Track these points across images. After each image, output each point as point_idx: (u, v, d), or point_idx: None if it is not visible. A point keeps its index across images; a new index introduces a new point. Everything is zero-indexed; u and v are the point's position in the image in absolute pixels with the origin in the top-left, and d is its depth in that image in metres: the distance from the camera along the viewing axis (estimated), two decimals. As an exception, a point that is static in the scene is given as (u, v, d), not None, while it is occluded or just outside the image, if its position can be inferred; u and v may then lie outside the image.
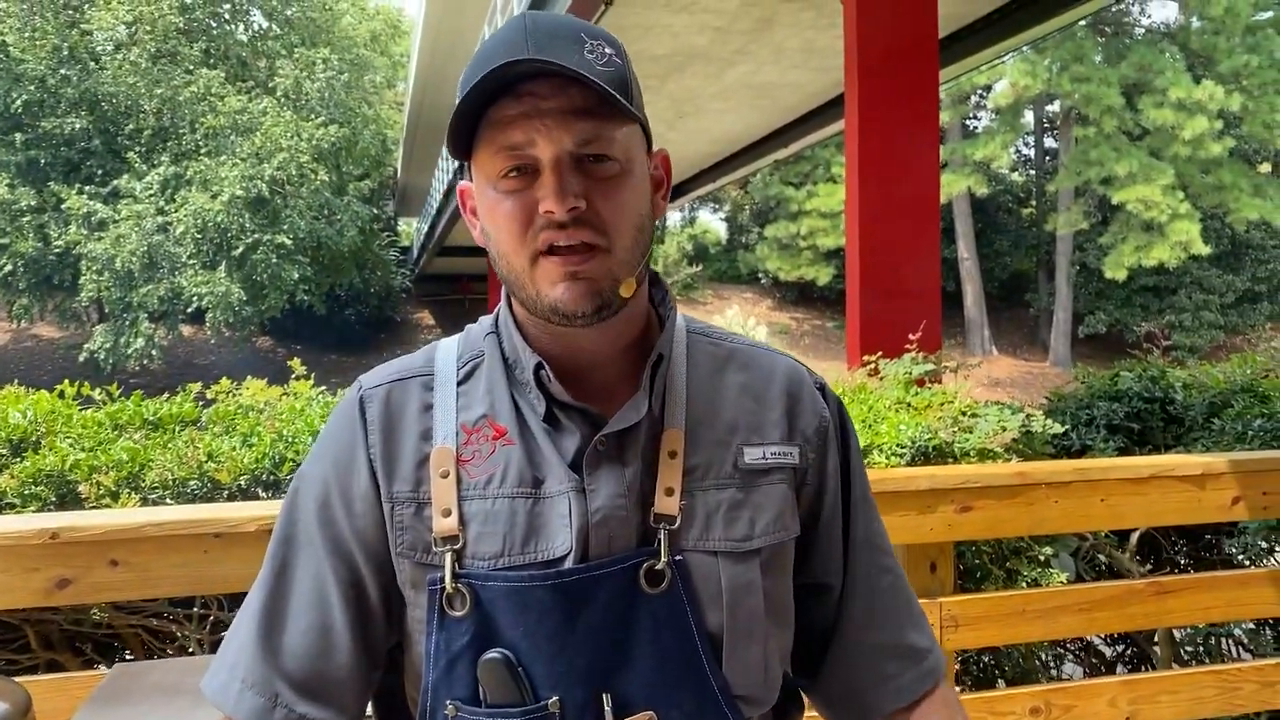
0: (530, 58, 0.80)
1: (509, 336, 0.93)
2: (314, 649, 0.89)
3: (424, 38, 19.10)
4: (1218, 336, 26.44)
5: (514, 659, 0.85)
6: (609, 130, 0.84)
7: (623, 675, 0.86)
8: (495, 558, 0.86)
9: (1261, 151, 26.45)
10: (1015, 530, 2.06)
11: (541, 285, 0.85)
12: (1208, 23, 24.75)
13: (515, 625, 0.85)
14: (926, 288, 6.24)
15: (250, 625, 0.90)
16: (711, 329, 1.02)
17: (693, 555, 0.88)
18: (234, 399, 2.64)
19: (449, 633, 0.86)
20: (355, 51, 26.72)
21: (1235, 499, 2.07)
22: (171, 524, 1.65)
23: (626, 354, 0.93)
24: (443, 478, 0.89)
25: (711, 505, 0.90)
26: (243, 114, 21.26)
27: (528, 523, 0.87)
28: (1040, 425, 2.58)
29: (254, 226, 20.41)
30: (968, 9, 8.31)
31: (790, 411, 0.97)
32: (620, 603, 0.86)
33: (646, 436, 0.90)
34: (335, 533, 0.91)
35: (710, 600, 0.88)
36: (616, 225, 0.85)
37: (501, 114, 0.83)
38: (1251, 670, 2.11)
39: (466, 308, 32.62)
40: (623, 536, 0.87)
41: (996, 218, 31.06)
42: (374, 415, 0.92)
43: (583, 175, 0.84)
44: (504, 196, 0.85)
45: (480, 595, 0.85)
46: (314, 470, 0.94)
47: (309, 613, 0.89)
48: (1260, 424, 2.91)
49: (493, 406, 0.91)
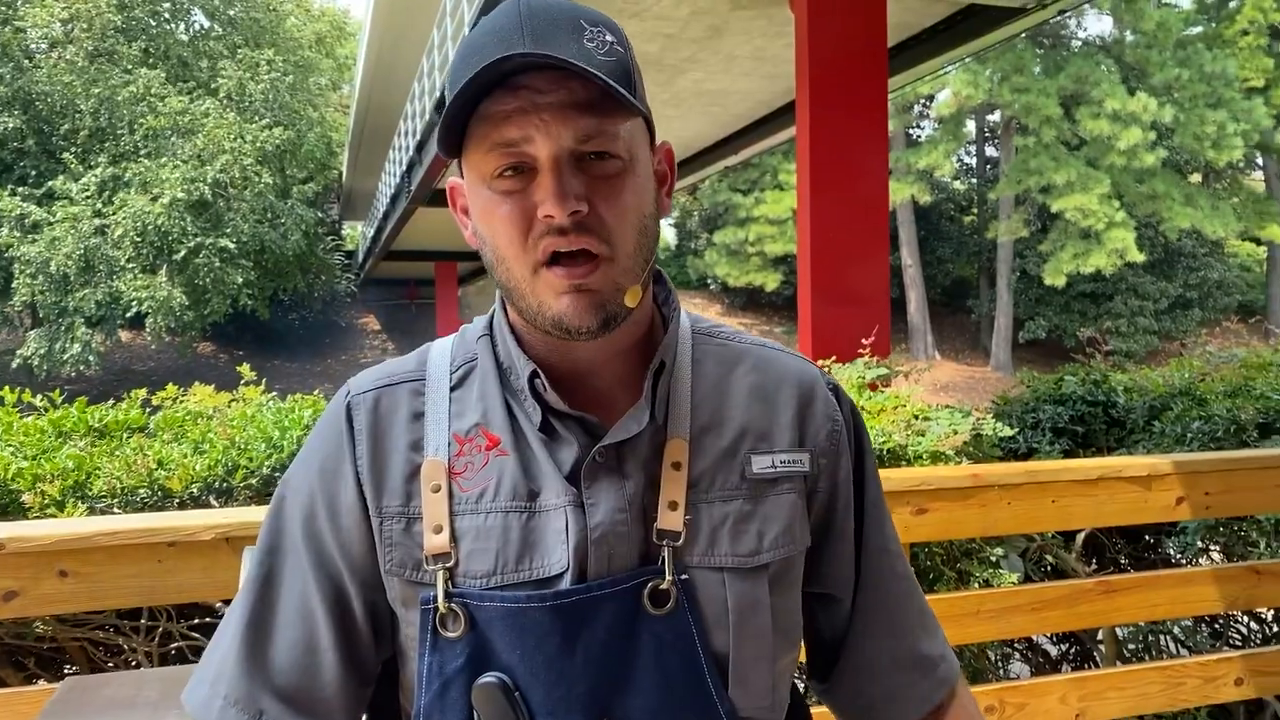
0: (529, 51, 0.75)
1: (503, 341, 0.88)
2: (300, 665, 0.85)
3: (371, 40, 18.89)
4: (1152, 341, 27.15)
5: (511, 683, 0.80)
6: (611, 125, 0.78)
7: (625, 701, 0.81)
8: (487, 576, 0.81)
9: (1192, 162, 27.19)
10: (969, 531, 2.09)
11: (544, 297, 0.80)
12: (1141, 36, 25.39)
13: (512, 649, 0.80)
14: (876, 294, 6.32)
15: (234, 638, 0.86)
16: (719, 327, 0.96)
17: (698, 572, 0.83)
18: (182, 405, 2.59)
19: (442, 655, 0.81)
20: (300, 53, 26.40)
21: (1179, 499, 2.12)
22: (124, 533, 1.60)
23: (628, 358, 0.88)
24: (434, 492, 0.84)
25: (718, 518, 0.85)
26: (184, 115, 20.86)
27: (521, 539, 0.82)
28: (990, 428, 2.63)
29: (196, 230, 20.02)
30: (914, 19, 8.45)
31: (801, 416, 0.92)
32: (622, 625, 0.81)
33: (649, 446, 0.85)
34: (319, 545, 0.86)
35: (716, 620, 0.83)
36: (620, 229, 0.80)
37: (495, 108, 0.77)
38: (1195, 666, 2.17)
39: (414, 312, 32.32)
40: (623, 554, 0.82)
41: (939, 225, 31.59)
42: (361, 423, 0.87)
43: (583, 174, 0.78)
44: (500, 198, 0.79)
45: (475, 616, 0.81)
46: (300, 477, 0.89)
47: (295, 628, 0.85)
48: (1198, 426, 2.99)
49: (486, 415, 0.86)
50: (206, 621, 2.15)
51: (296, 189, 23.74)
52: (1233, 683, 2.17)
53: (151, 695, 1.36)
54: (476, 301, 34.66)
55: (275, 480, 2.19)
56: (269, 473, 2.19)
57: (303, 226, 23.01)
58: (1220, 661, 2.17)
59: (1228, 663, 2.17)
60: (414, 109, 17.31)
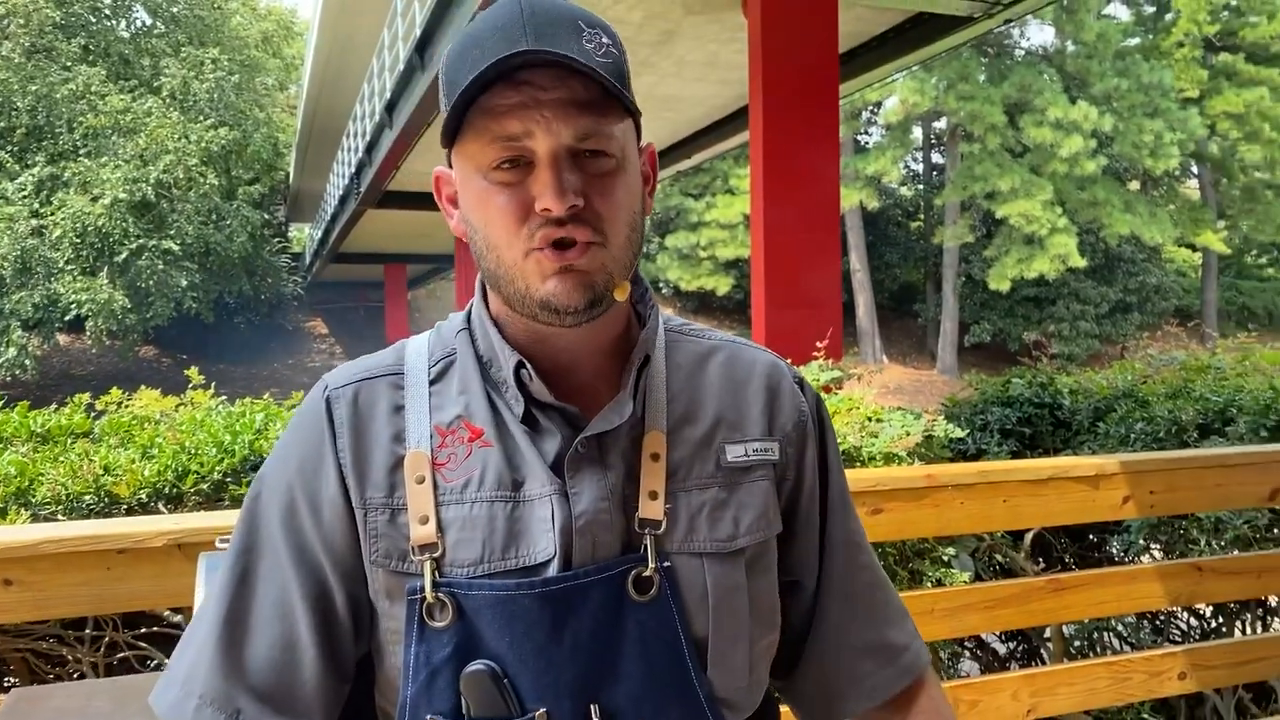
0: (534, 49, 0.76)
1: (484, 334, 0.89)
2: (279, 663, 0.83)
3: (319, 40, 18.68)
4: (1093, 345, 27.77)
5: (499, 670, 0.81)
6: (608, 125, 0.81)
7: (611, 686, 0.83)
8: (474, 564, 0.82)
9: (1131, 170, 27.91)
10: (924, 531, 2.12)
11: (532, 279, 0.81)
12: (1082, 47, 26.00)
13: (501, 636, 0.81)
14: (829, 297, 6.40)
15: (209, 637, 0.84)
16: (689, 325, 0.99)
17: (678, 558, 0.86)
18: (127, 409, 2.54)
19: (429, 644, 0.82)
20: (246, 52, 25.97)
21: (1125, 498, 2.17)
22: (72, 540, 1.56)
23: (606, 352, 0.90)
24: (418, 483, 0.84)
25: (695, 506, 0.88)
26: (126, 114, 20.43)
27: (508, 527, 0.83)
28: (942, 430, 2.68)
29: (138, 231, 19.62)
30: (865, 27, 8.57)
31: (770, 406, 0.95)
32: (608, 612, 0.83)
33: (628, 438, 0.87)
34: (300, 541, 0.86)
35: (696, 604, 0.86)
36: (613, 223, 0.82)
37: (497, 102, 0.79)
38: (1140, 661, 2.21)
39: (362, 316, 31.95)
40: (606, 542, 0.84)
41: (887, 231, 32.03)
42: (342, 416, 0.87)
43: (580, 171, 0.80)
44: (497, 189, 0.81)
45: (463, 605, 0.82)
46: (277, 474, 0.88)
47: (273, 625, 0.84)
48: (1141, 427, 3.06)
49: (468, 407, 0.87)
50: (155, 631, 2.11)
51: (242, 190, 23.38)
52: (1176, 677, 2.22)
53: (103, 706, 1.33)
54: (426, 305, 34.37)
55: (227, 485, 2.15)
56: (220, 478, 2.16)
57: (249, 228, 22.66)
58: (1165, 657, 2.22)
59: (1172, 658, 2.23)
60: (364, 110, 17.14)
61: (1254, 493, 2.31)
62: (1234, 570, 2.31)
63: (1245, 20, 27.55)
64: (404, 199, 18.50)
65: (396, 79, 13.29)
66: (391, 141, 14.50)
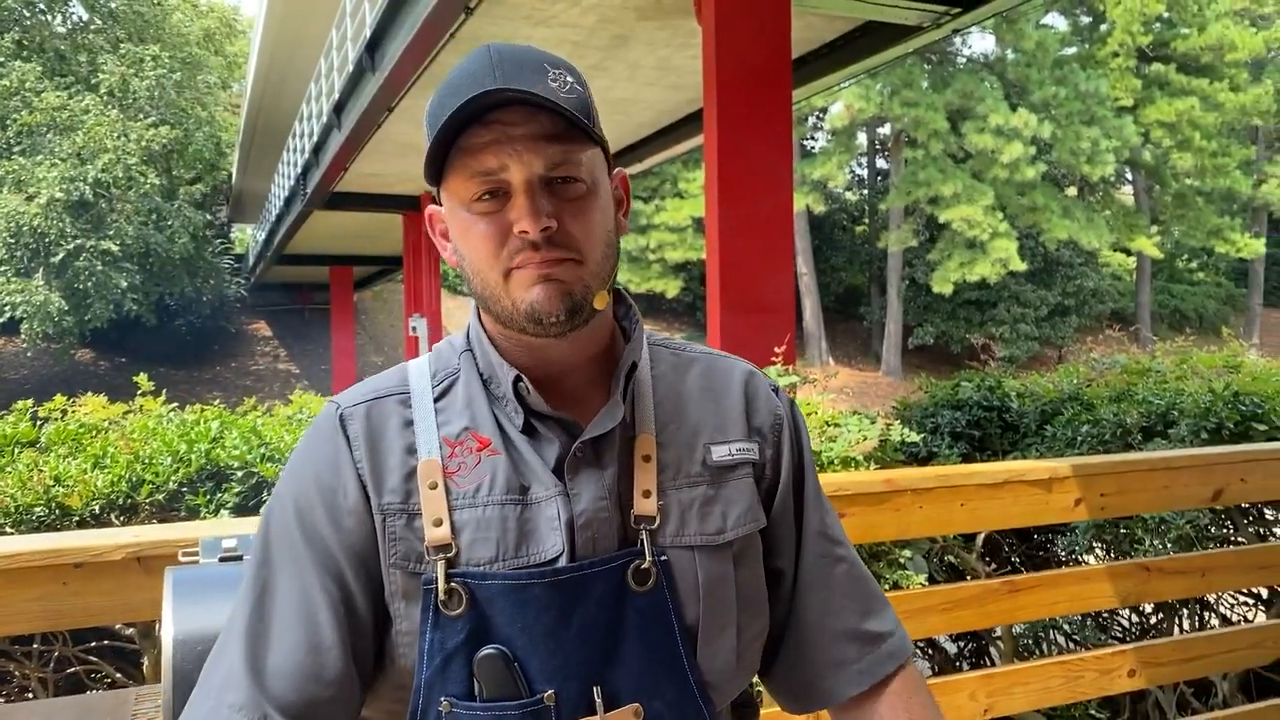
0: (504, 87, 0.84)
1: (483, 353, 0.97)
2: (303, 668, 0.87)
3: (264, 39, 18.37)
4: (1033, 347, 28.40)
5: (510, 654, 0.87)
6: (575, 154, 0.89)
7: (612, 669, 0.90)
8: (490, 563, 0.89)
9: (1069, 176, 28.62)
10: (885, 535, 2.15)
11: (516, 293, 0.89)
12: (1021, 55, 26.55)
13: (513, 622, 0.88)
14: (783, 302, 6.44)
15: (235, 650, 0.87)
16: (670, 340, 1.07)
17: (671, 551, 0.93)
18: (73, 416, 2.48)
19: (444, 631, 0.88)
20: (188, 50, 25.39)
21: (1078, 501, 2.22)
22: (26, 554, 1.52)
23: (594, 364, 0.98)
24: (431, 489, 0.91)
25: (685, 502, 0.95)
26: (62, 111, 19.88)
27: (519, 528, 0.90)
28: (899, 434, 2.72)
29: (76, 231, 19.11)
30: (815, 34, 8.67)
31: (748, 410, 1.02)
32: (609, 601, 0.90)
33: (620, 441, 0.95)
34: (323, 547, 0.90)
35: (688, 594, 0.93)
36: (587, 241, 0.90)
37: (472, 141, 0.87)
38: (1092, 659, 2.27)
39: (306, 318, 31.46)
40: (605, 537, 0.91)
41: (833, 235, 32.43)
42: (357, 431, 0.93)
43: (552, 196, 0.88)
44: (478, 219, 0.89)
45: (476, 594, 0.88)
46: (294, 490, 0.93)
47: (296, 631, 0.88)
48: (1087, 429, 3.14)
49: (474, 419, 0.94)
50: (105, 644, 2.07)
51: (184, 190, 22.91)
52: (1126, 674, 2.28)
53: (64, 725, 1.30)
54: (373, 307, 33.96)
55: (183, 496, 2.12)
56: (175, 488, 2.12)
57: (190, 229, 22.21)
58: (1115, 655, 2.28)
59: (1122, 656, 2.29)
60: (311, 110, 16.89)
61: (1198, 494, 2.38)
62: (1179, 570, 2.38)
63: (1177, 32, 28.40)
64: (352, 200, 18.27)
65: (345, 80, 13.12)
66: (340, 143, 14.31)
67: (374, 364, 29.66)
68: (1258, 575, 2.58)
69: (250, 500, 2.14)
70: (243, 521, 1.85)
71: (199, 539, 1.20)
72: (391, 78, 10.58)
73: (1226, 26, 27.68)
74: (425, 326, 18.42)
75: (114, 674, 2.08)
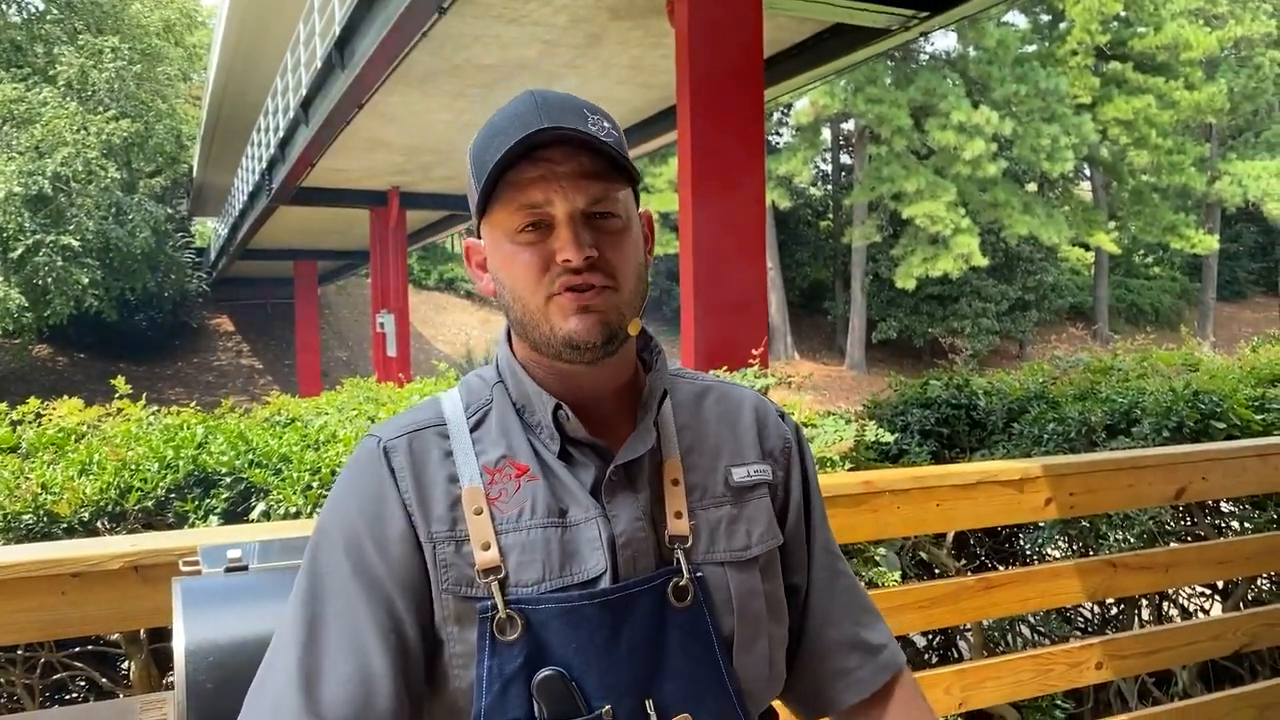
0: (552, 126, 0.91)
1: (516, 383, 1.01)
2: (355, 698, 0.88)
3: (228, 30, 18.07)
4: (994, 341, 28.75)
5: (568, 674, 0.91)
6: (614, 191, 0.95)
7: (660, 683, 0.94)
8: (538, 583, 0.93)
9: (1029, 172, 28.93)
10: (863, 535, 2.20)
11: (555, 320, 0.94)
12: (983, 52, 26.81)
13: (568, 643, 0.92)
14: (755, 299, 6.48)
15: (287, 681, 0.89)
16: (684, 370, 1.14)
17: (705, 568, 0.99)
18: (50, 420, 2.47)
19: (501, 657, 0.91)
20: (147, 41, 24.90)
21: (1048, 500, 2.30)
22: (24, 565, 1.52)
23: (620, 394, 1.03)
24: (477, 514, 0.95)
25: (713, 521, 1.01)
26: (19, 104, 19.42)
27: (561, 549, 0.95)
28: (873, 435, 2.78)
29: (35, 226, 18.67)
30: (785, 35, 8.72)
31: (760, 435, 1.09)
32: (653, 617, 0.95)
33: (650, 465, 1.00)
34: (371, 578, 0.93)
35: (723, 607, 0.99)
36: (623, 270, 0.96)
37: (520, 177, 0.92)
38: (1061, 653, 2.34)
39: (270, 312, 31.10)
40: (644, 556, 0.97)
41: (798, 230, 32.60)
42: (401, 463, 0.97)
43: (592, 229, 0.94)
44: (522, 248, 0.94)
45: (531, 619, 0.92)
46: (339, 523, 0.96)
47: (347, 662, 0.90)
48: (1053, 428, 3.19)
49: (510, 447, 0.99)
50: (88, 650, 2.07)
51: (144, 183, 22.47)
52: (1094, 667, 2.36)
53: (71, 735, 1.31)
54: (337, 301, 33.63)
55: (171, 502, 2.12)
56: (164, 495, 2.12)
57: (151, 223, 21.76)
58: (1083, 648, 2.36)
59: (1089, 649, 2.36)
60: (277, 104, 16.66)
61: (1162, 492, 2.47)
62: (1144, 565, 2.46)
63: (1134, 31, 28.85)
64: (319, 196, 18.05)
65: (314, 76, 12.95)
66: (307, 139, 14.14)
67: (339, 359, 29.38)
68: (1217, 570, 2.68)
69: (238, 506, 2.14)
70: (238, 529, 1.86)
71: (197, 547, 1.22)
72: (362, 75, 10.48)
73: (1182, 26, 28.13)
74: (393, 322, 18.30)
75: (98, 678, 2.08)
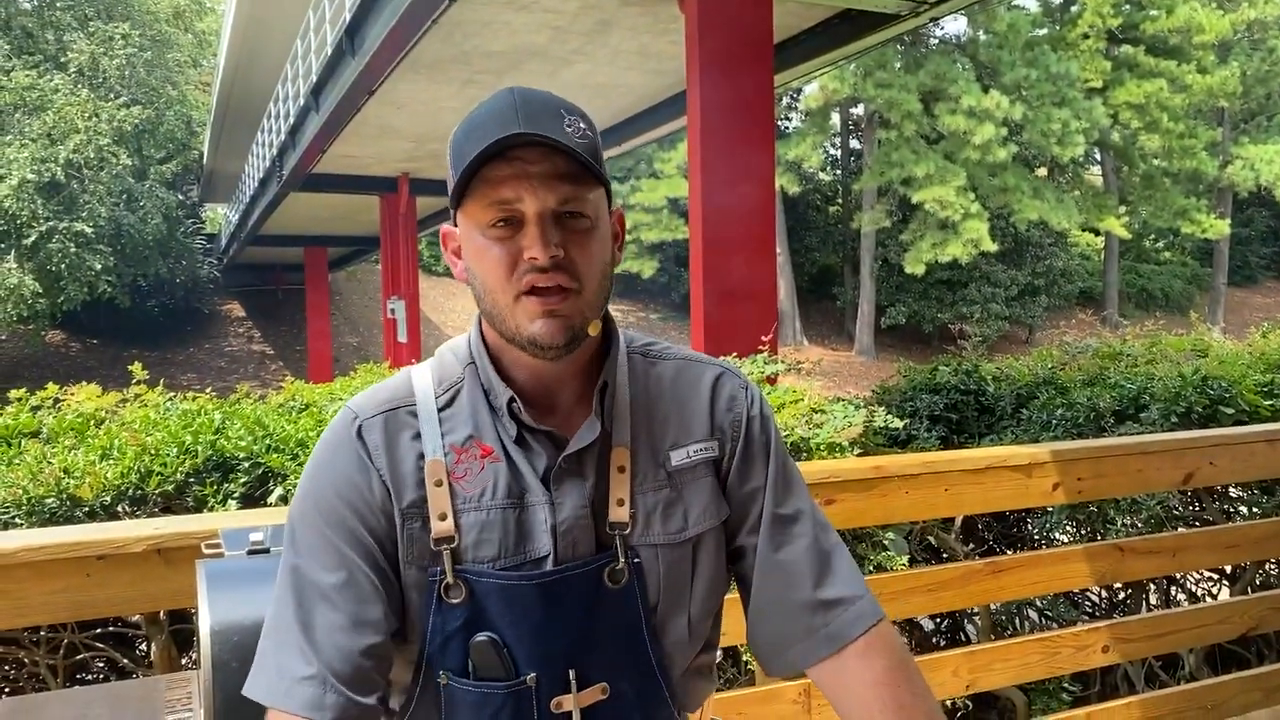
0: (525, 131, 0.95)
1: (484, 369, 1.06)
2: (348, 640, 0.97)
3: (237, 17, 18.08)
4: (1003, 326, 28.65)
5: (500, 640, 1.01)
6: (584, 192, 0.99)
7: (586, 654, 1.03)
8: (493, 560, 1.01)
9: (1039, 157, 28.76)
10: (872, 520, 2.22)
11: (521, 320, 0.99)
12: (993, 37, 26.60)
13: (503, 615, 1.01)
14: (766, 288, 6.48)
15: (288, 632, 0.98)
16: (651, 345, 1.17)
17: (641, 549, 1.06)
18: (69, 406, 2.50)
19: (445, 615, 1.01)
20: (157, 27, 24.92)
21: (1056, 485, 2.31)
22: (50, 547, 1.56)
23: (581, 377, 1.08)
24: (436, 486, 1.02)
25: (650, 505, 1.07)
26: (32, 91, 19.48)
27: (517, 529, 1.02)
28: (882, 420, 2.79)
29: (48, 213, 18.75)
30: (794, 21, 8.69)
31: (711, 409, 1.13)
32: (587, 597, 1.03)
33: (599, 452, 1.06)
34: (351, 529, 1.01)
35: (652, 584, 1.06)
36: (587, 271, 1.00)
37: (494, 173, 0.97)
38: (1068, 636, 2.37)
39: (280, 298, 31.19)
40: (584, 541, 1.03)
41: (807, 215, 32.50)
42: (376, 441, 1.03)
43: (560, 228, 0.98)
44: (492, 243, 0.99)
45: (475, 588, 1.01)
46: (316, 489, 1.03)
47: (340, 610, 0.98)
48: (1062, 413, 3.20)
49: (477, 428, 1.05)
50: (110, 631, 2.10)
51: (155, 170, 22.49)
52: (1100, 650, 2.38)
53: (101, 712, 1.35)
54: (347, 287, 33.70)
55: (190, 486, 2.15)
56: (183, 479, 2.15)
57: (162, 209, 21.88)
58: (1090, 632, 2.38)
59: (1096, 632, 2.39)
60: (287, 91, 16.67)
61: (1170, 477, 2.48)
62: (1152, 550, 2.48)
63: (1146, 14, 28.59)
64: (329, 182, 18.07)
65: (324, 62, 12.95)
66: (318, 126, 14.15)
67: (349, 345, 29.47)
68: (1226, 554, 2.69)
69: (256, 490, 2.18)
70: (258, 513, 1.90)
71: (218, 530, 1.25)
72: (373, 62, 10.48)
73: (1194, 9, 27.89)
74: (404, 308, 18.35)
75: (120, 659, 2.12)
